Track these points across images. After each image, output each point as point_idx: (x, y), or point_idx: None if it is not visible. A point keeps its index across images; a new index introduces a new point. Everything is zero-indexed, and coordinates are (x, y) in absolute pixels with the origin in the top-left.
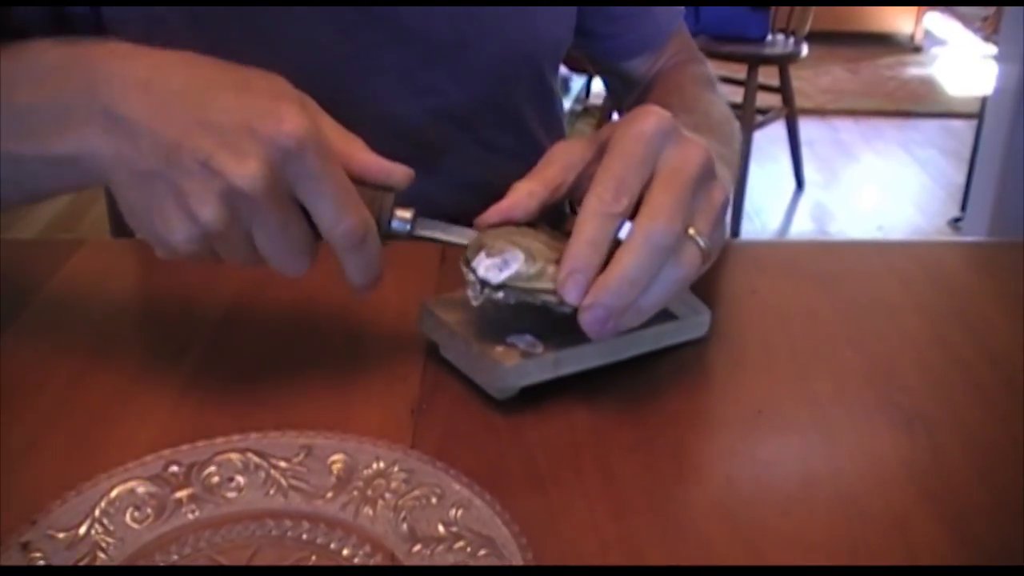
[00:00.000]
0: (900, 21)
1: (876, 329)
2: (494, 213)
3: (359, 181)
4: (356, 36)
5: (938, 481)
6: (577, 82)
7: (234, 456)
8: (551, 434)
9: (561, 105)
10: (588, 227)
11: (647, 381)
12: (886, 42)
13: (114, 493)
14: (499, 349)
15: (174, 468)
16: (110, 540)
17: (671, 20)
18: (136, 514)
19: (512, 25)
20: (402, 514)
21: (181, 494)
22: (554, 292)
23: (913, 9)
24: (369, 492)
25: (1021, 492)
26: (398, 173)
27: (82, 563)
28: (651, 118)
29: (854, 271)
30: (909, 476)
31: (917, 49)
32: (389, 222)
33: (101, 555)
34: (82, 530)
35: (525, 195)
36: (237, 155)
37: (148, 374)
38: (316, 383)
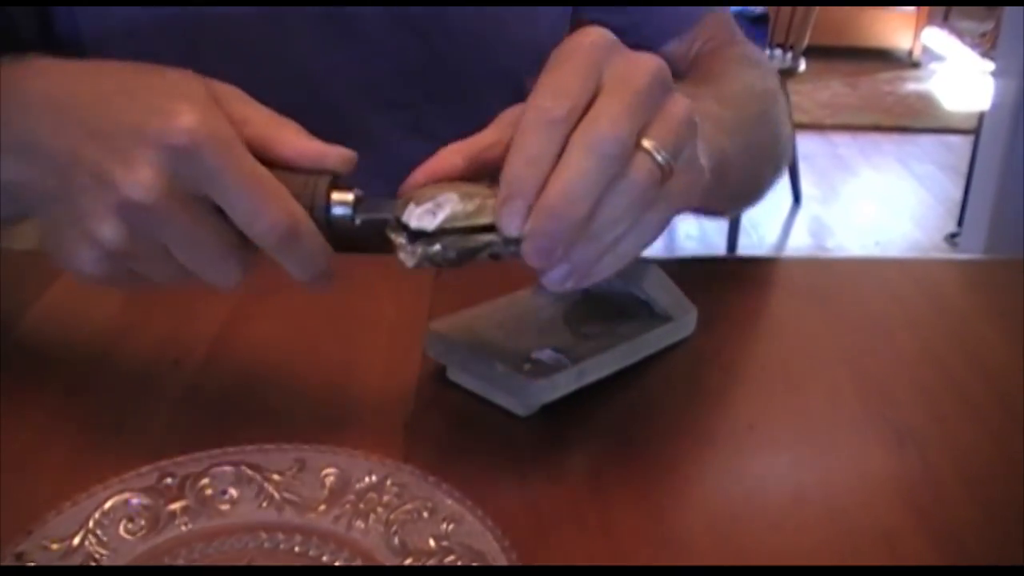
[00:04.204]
0: (898, 36)
1: (869, 346)
2: (419, 174)
3: (294, 168)
4: (328, 52)
5: (928, 497)
6: None
7: (228, 468)
8: (543, 449)
9: None
10: (524, 141)
11: (639, 395)
12: (884, 57)
13: (108, 504)
14: (527, 367)
15: (168, 480)
16: (104, 551)
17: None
18: (130, 526)
19: (489, 43)
20: (393, 528)
21: (175, 506)
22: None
23: (912, 24)
24: (361, 506)
25: (1011, 509)
26: (333, 156)
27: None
28: (591, 33)
29: (849, 288)
30: (899, 492)
31: (915, 64)
32: (327, 208)
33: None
34: (76, 541)
35: (449, 152)
36: (127, 163)
37: (144, 386)
38: (310, 396)
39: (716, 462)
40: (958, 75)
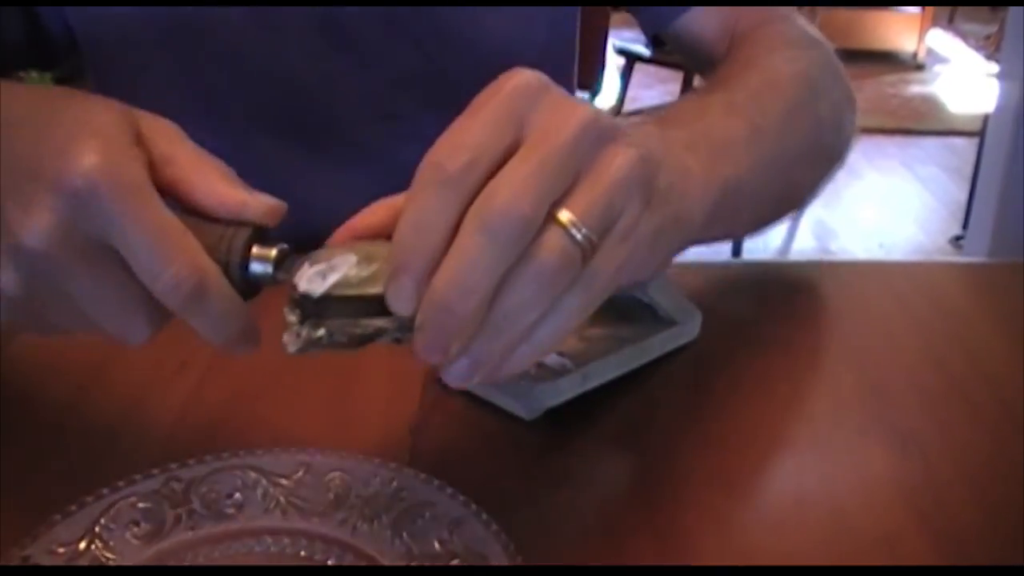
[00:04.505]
0: (903, 39)
1: (873, 349)
2: (341, 230)
3: (214, 218)
4: (321, 62)
5: (930, 500)
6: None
7: (234, 473)
8: (547, 453)
9: None
10: (413, 204)
11: (643, 399)
12: (889, 60)
13: (114, 509)
14: (531, 371)
15: (174, 484)
16: (110, 556)
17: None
18: (136, 530)
19: (484, 49)
20: (399, 531)
21: (180, 510)
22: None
23: (916, 27)
24: (366, 510)
25: (1012, 511)
26: (256, 206)
27: None
28: (516, 76)
29: (853, 291)
30: (901, 494)
31: (920, 67)
32: (244, 265)
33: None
34: (82, 545)
35: (377, 206)
36: (24, 207)
37: (149, 391)
38: (315, 401)
39: (719, 465)
40: (962, 77)
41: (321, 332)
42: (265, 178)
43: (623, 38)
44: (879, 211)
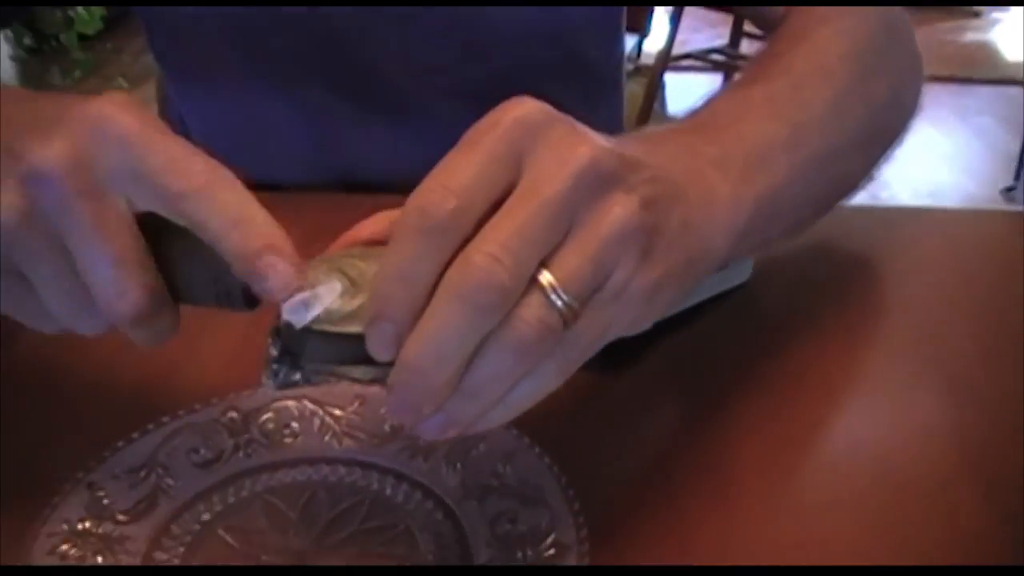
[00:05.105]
0: None
1: (925, 296)
2: (343, 237)
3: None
4: (364, 13)
5: (982, 450)
6: (628, 41)
7: (290, 404)
8: (597, 391)
9: (614, 76)
10: (396, 249)
11: (693, 340)
12: (946, 6)
13: (175, 436)
14: None
15: (233, 414)
16: (171, 481)
17: None
18: (195, 457)
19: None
20: (452, 462)
21: (239, 439)
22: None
23: None
24: (421, 442)
25: None
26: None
27: (144, 503)
28: (519, 106)
29: (904, 237)
30: (952, 443)
31: (977, 14)
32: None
33: (162, 495)
34: (144, 471)
35: (381, 216)
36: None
37: (208, 322)
38: None
39: (770, 408)
40: (1021, 25)
41: (297, 376)
42: (313, 130)
43: None
44: (930, 160)
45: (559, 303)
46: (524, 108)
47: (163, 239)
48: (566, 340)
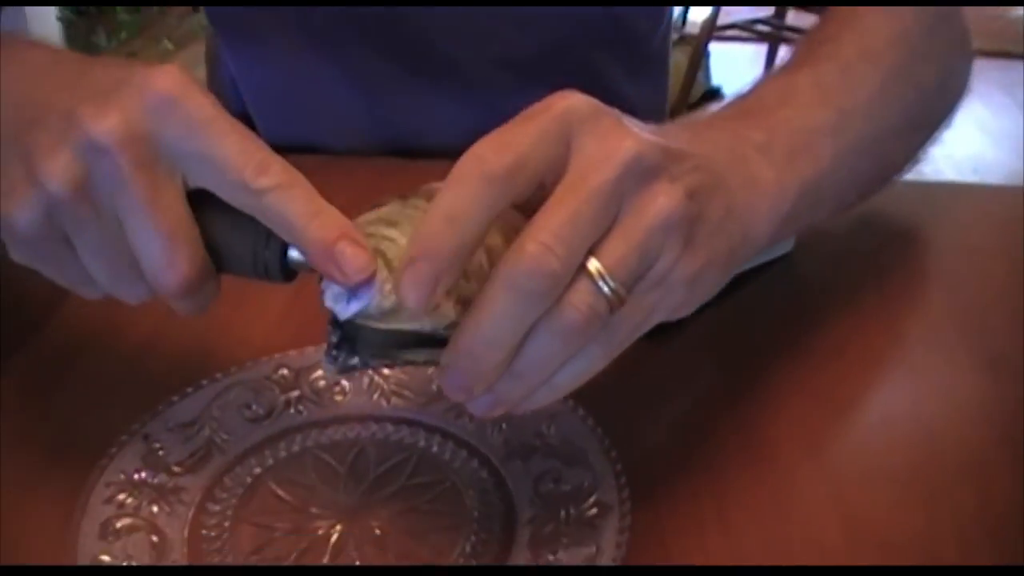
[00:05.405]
0: None
1: (965, 272)
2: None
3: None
4: None
5: (1018, 426)
6: (674, 10)
7: None
8: (639, 359)
9: (661, 49)
10: (447, 194)
11: (734, 309)
12: None
13: (228, 392)
14: None
15: (284, 371)
16: (224, 436)
17: None
18: (247, 412)
19: None
20: (498, 424)
21: (290, 395)
22: (425, 340)
23: None
24: None
25: None
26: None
27: (197, 455)
28: (568, 97)
29: (946, 214)
30: (989, 418)
31: None
32: (283, 252)
33: (215, 448)
34: (198, 425)
35: (428, 185)
36: (50, 147)
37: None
38: None
39: (809, 378)
40: None
41: (355, 360)
42: (364, 96)
43: None
44: (975, 136)
45: (606, 289)
46: (574, 99)
47: (207, 212)
48: (612, 325)
